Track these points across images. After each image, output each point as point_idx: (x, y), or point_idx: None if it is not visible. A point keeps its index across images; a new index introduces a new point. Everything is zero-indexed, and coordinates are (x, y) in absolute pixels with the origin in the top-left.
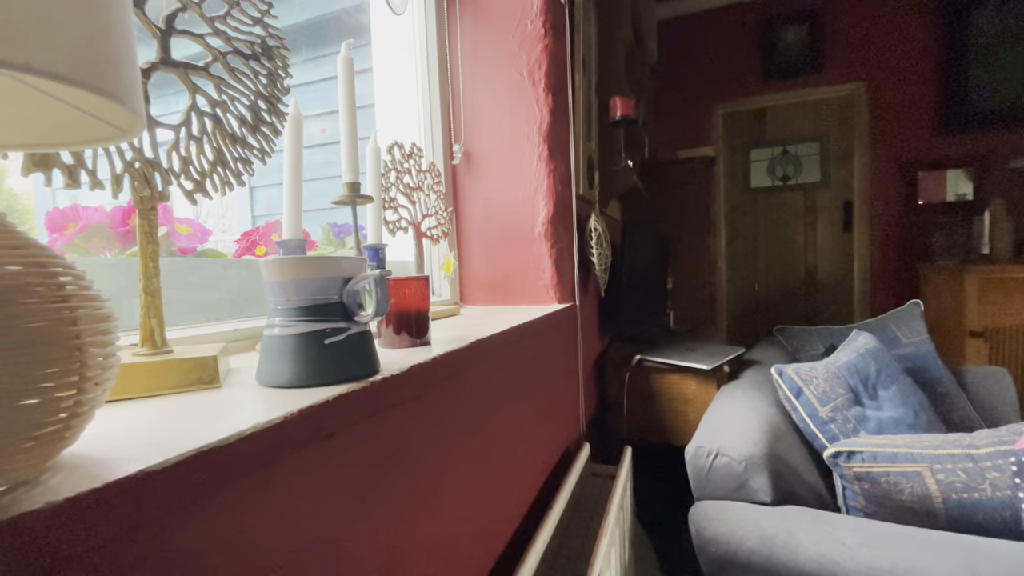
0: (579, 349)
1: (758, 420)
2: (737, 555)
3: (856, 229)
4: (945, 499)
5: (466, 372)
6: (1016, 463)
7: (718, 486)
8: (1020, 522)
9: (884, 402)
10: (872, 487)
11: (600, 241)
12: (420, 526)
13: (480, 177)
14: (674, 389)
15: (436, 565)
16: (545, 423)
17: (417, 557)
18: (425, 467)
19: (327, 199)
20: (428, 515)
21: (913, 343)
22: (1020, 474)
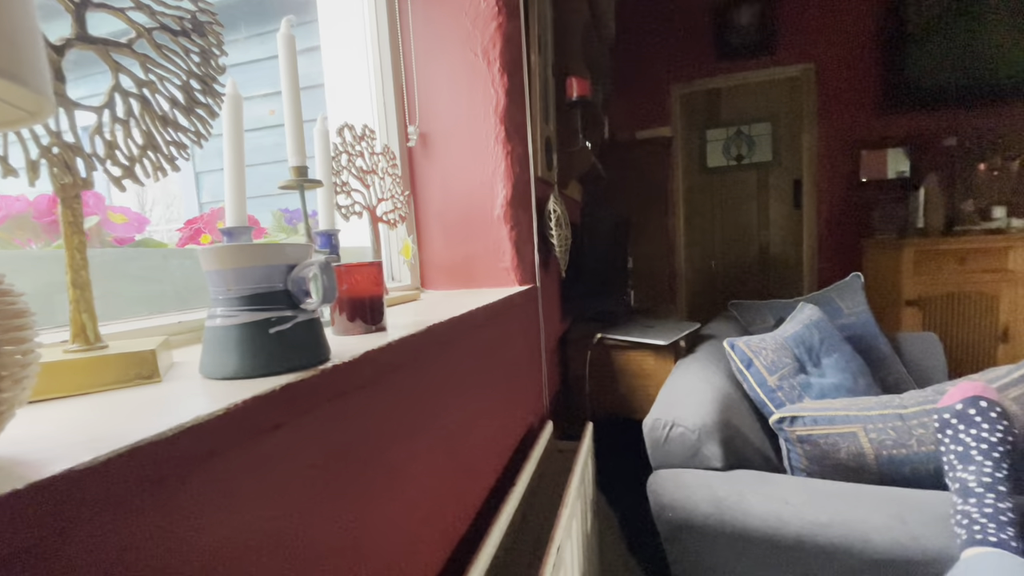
0: (541, 330)
1: (711, 391)
2: (692, 518)
3: (805, 206)
4: (877, 456)
5: (423, 356)
6: (939, 420)
7: (674, 455)
8: (942, 474)
9: (826, 369)
10: (813, 448)
11: (559, 222)
12: (380, 511)
13: (437, 159)
14: (634, 365)
15: (397, 549)
16: (508, 403)
17: (378, 543)
18: (385, 453)
19: (277, 184)
20: (389, 499)
21: (854, 313)
22: (942, 430)
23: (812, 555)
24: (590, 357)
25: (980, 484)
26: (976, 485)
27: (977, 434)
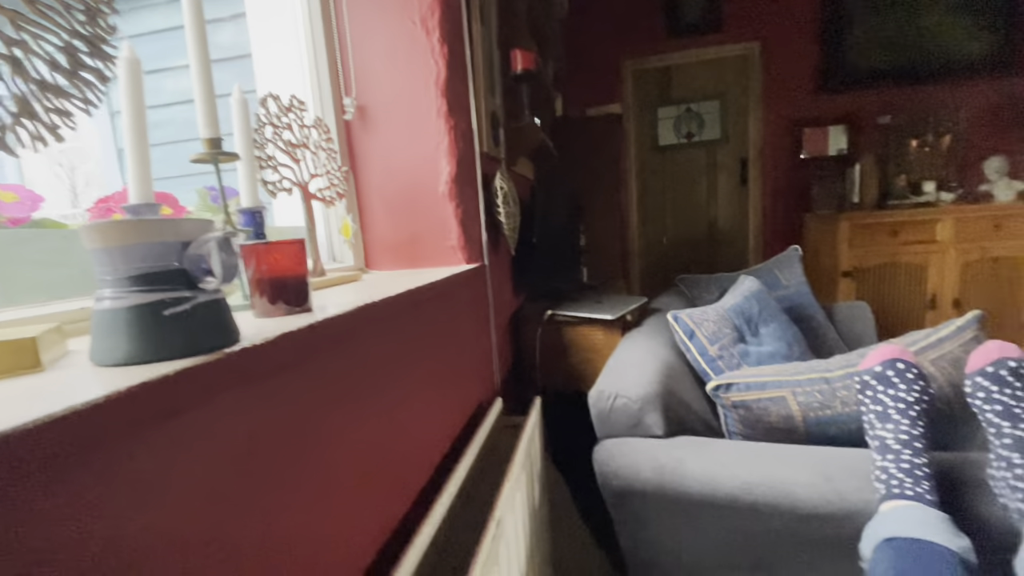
0: (490, 308)
1: (654, 362)
2: (634, 484)
3: (751, 183)
4: (805, 417)
5: (356, 337)
6: (860, 382)
7: (618, 425)
8: (864, 432)
9: (764, 338)
10: (746, 413)
11: (507, 200)
12: (308, 498)
13: (377, 134)
14: (584, 340)
15: (329, 536)
16: (455, 381)
17: (304, 532)
18: (314, 437)
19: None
20: (318, 485)
21: (792, 284)
22: (862, 391)
23: (744, 513)
24: (541, 333)
25: (897, 441)
26: (894, 442)
27: (895, 394)
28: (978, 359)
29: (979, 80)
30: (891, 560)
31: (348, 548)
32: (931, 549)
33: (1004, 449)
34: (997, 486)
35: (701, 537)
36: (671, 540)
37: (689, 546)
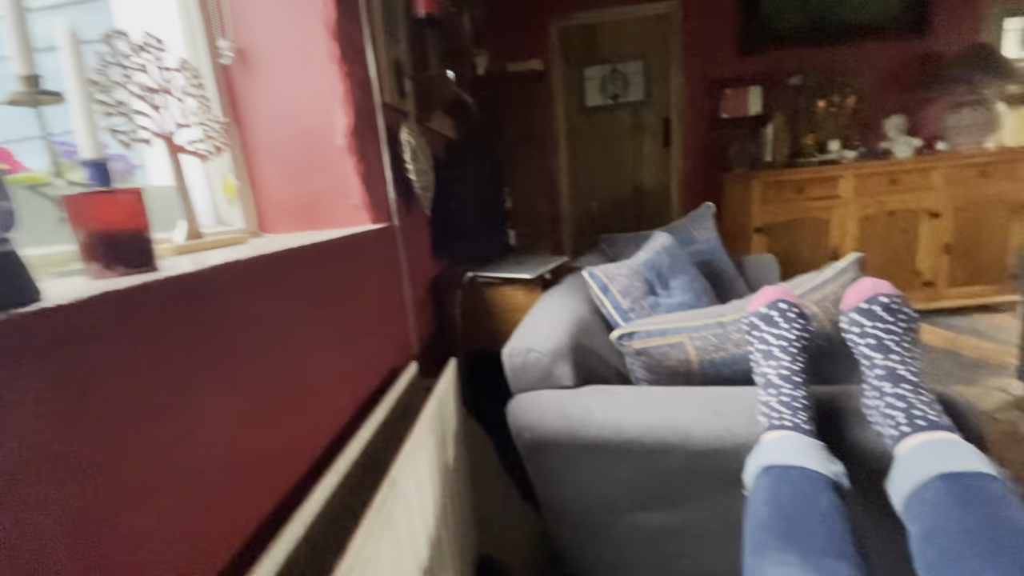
0: (403, 271)
1: (567, 317)
2: (545, 435)
3: (673, 144)
4: (700, 360)
5: (221, 300)
6: (747, 323)
7: (530, 379)
8: (751, 371)
9: (674, 290)
10: (648, 359)
11: (416, 156)
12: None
13: (262, 81)
14: (506, 301)
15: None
16: (361, 347)
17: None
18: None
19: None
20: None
21: (705, 240)
22: (749, 332)
23: (646, 453)
24: (462, 296)
25: (779, 376)
26: (775, 377)
27: (777, 333)
28: (853, 296)
29: (884, 41)
30: (768, 487)
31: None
32: (805, 474)
33: (876, 380)
34: (871, 414)
35: (610, 481)
36: (582, 486)
37: (600, 490)
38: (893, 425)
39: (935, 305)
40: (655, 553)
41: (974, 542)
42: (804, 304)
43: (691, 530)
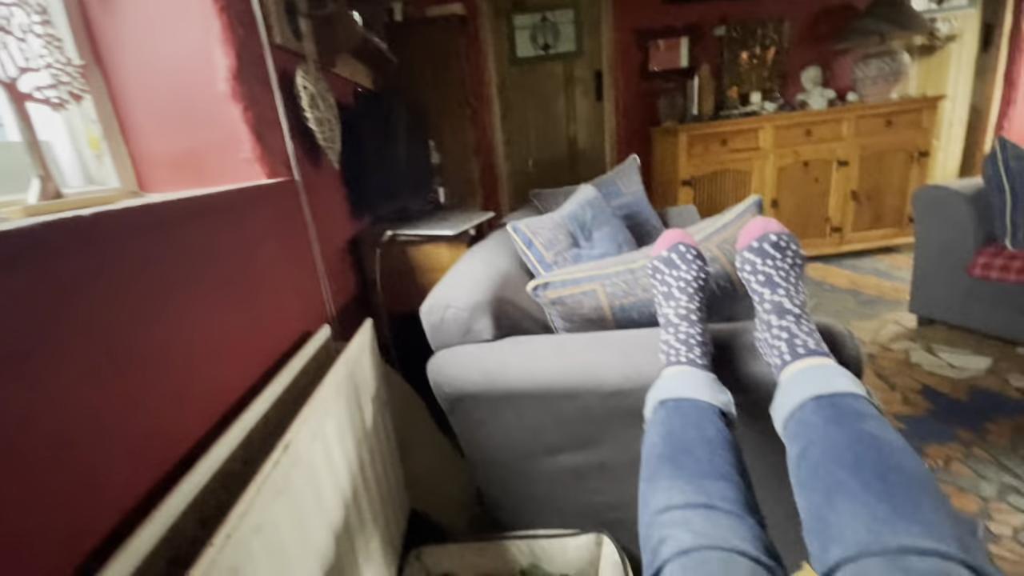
0: (310, 230)
1: (488, 271)
2: (464, 388)
3: (605, 98)
4: (612, 306)
5: (59, 264)
6: (650, 267)
7: (450, 335)
8: (655, 313)
9: (596, 242)
10: (564, 308)
11: (315, 103)
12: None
13: (125, 19)
14: (430, 260)
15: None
16: (262, 309)
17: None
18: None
19: None
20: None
21: (631, 193)
22: (653, 275)
23: (560, 397)
24: (381, 255)
25: (677, 316)
26: (674, 316)
27: (677, 274)
28: (745, 236)
29: None
30: (662, 419)
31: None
32: (695, 405)
33: (765, 314)
34: (762, 347)
35: (529, 427)
36: (504, 435)
37: (519, 437)
38: (778, 354)
39: (842, 249)
40: (575, 490)
41: (840, 456)
42: (706, 247)
43: (606, 466)
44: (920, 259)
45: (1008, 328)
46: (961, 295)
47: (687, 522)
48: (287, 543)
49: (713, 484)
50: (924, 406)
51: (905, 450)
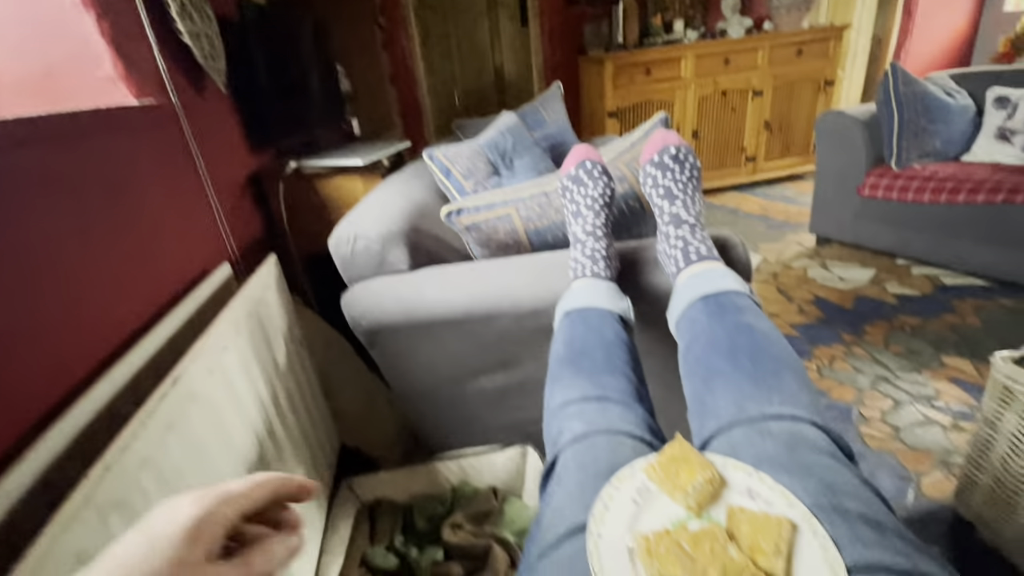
0: (198, 160)
1: (401, 201)
2: (382, 321)
3: (531, 24)
4: (527, 230)
5: None
6: (561, 186)
7: (363, 267)
8: (567, 233)
9: (517, 171)
10: (479, 234)
11: (187, 15)
12: None
13: None
14: (342, 194)
15: None
16: (141, 249)
17: None
18: None
19: None
20: None
21: (555, 122)
22: (563, 194)
23: (478, 322)
24: (290, 190)
25: (584, 232)
26: (581, 234)
27: (584, 192)
28: (648, 150)
29: None
30: (566, 328)
31: None
32: (596, 312)
33: (664, 226)
34: (662, 258)
35: (450, 354)
36: (425, 363)
37: (442, 364)
38: (674, 262)
39: (755, 178)
40: (499, 409)
41: (719, 346)
42: (616, 166)
43: (527, 383)
44: (820, 183)
45: (890, 242)
46: (852, 215)
47: (582, 413)
48: (188, 477)
49: (607, 379)
50: (816, 315)
51: (775, 337)
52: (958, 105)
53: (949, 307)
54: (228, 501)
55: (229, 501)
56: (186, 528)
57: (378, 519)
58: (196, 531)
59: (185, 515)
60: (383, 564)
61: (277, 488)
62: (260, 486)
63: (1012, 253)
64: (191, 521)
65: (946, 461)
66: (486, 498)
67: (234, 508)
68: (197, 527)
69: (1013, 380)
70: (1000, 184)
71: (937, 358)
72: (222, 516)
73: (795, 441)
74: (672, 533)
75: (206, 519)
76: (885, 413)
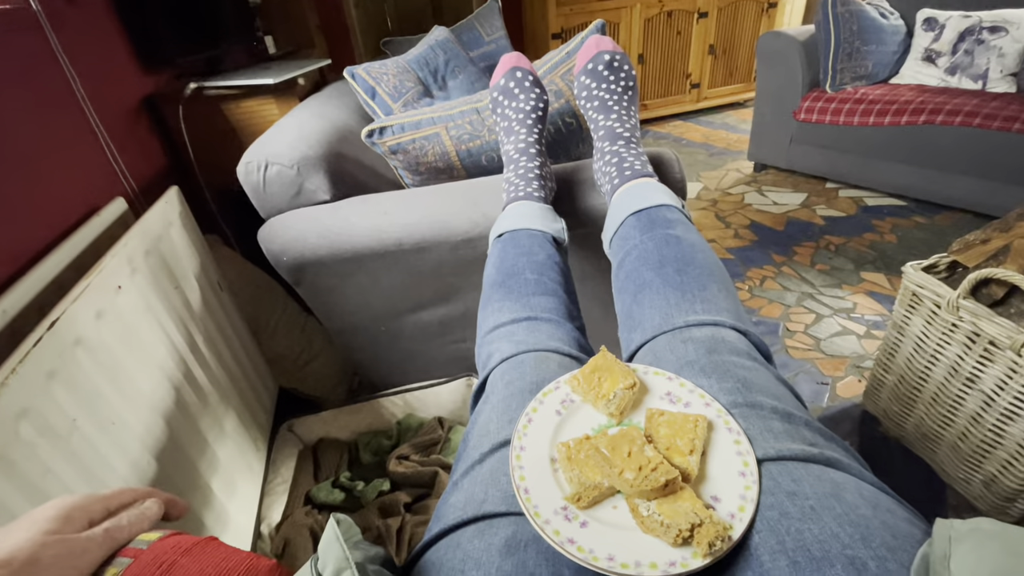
0: (73, 80)
1: (320, 124)
2: (305, 255)
3: None
4: (458, 151)
5: None
6: (491, 100)
7: (278, 198)
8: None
9: (452, 90)
10: (407, 157)
11: None
12: None
13: None
14: (255, 120)
15: None
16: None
17: None
18: None
19: None
20: None
21: (493, 40)
22: (494, 110)
23: (411, 253)
24: (187, 114)
25: (517, 151)
26: (514, 152)
27: (516, 106)
28: (581, 58)
29: None
30: (497, 250)
31: None
32: (528, 234)
33: (599, 141)
34: (598, 177)
35: (384, 287)
36: (359, 299)
37: (377, 299)
38: (608, 180)
39: (699, 106)
40: (441, 342)
41: (648, 258)
42: (551, 79)
43: (469, 314)
44: (759, 109)
45: (821, 166)
46: (789, 140)
47: (511, 334)
48: (83, 426)
49: (538, 300)
50: (750, 238)
51: (703, 247)
52: (891, 26)
53: (870, 226)
54: (94, 499)
55: (98, 499)
56: (47, 512)
57: (322, 458)
58: (58, 517)
59: (51, 506)
60: (328, 499)
61: (138, 495)
62: (124, 492)
63: (928, 172)
64: (65, 506)
65: (858, 366)
66: (432, 428)
67: (102, 503)
68: (68, 512)
69: (920, 286)
70: (923, 105)
71: (856, 274)
72: (85, 509)
73: (715, 344)
74: (592, 439)
75: (78, 505)
76: (808, 326)
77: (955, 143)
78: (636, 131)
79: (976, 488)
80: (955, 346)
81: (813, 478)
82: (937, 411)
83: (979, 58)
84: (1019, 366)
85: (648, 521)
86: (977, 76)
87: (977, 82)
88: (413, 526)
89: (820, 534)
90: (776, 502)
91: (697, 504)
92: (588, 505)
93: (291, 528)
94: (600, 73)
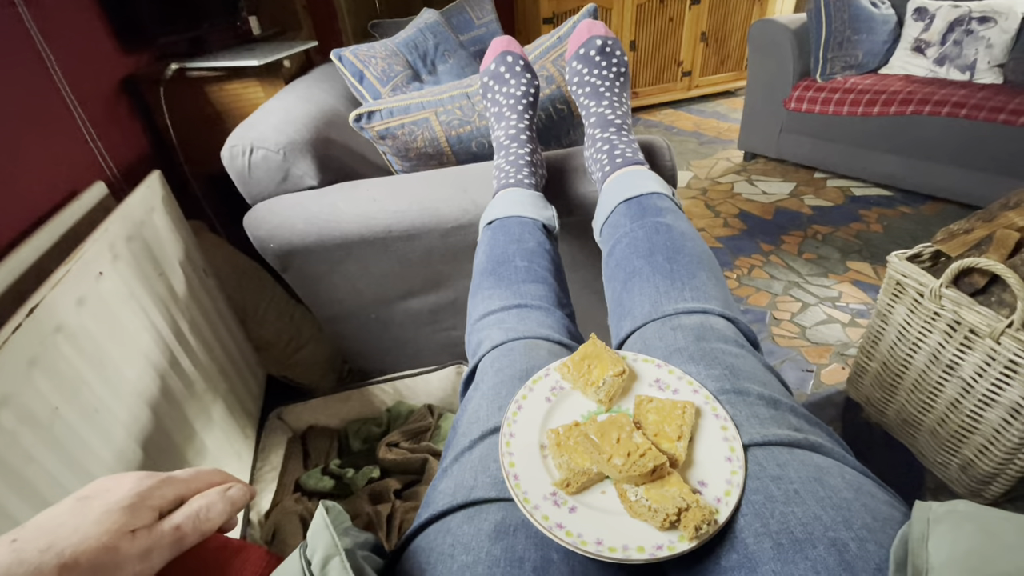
0: (49, 61)
1: (307, 108)
2: (293, 242)
3: None
4: (448, 137)
5: None
6: (482, 86)
7: (264, 183)
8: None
9: (442, 75)
10: (396, 143)
11: None
12: None
13: None
14: (241, 103)
15: None
16: None
17: None
18: None
19: None
20: None
21: (484, 24)
22: (484, 95)
23: (400, 240)
24: (169, 96)
25: (507, 137)
26: (505, 138)
27: (506, 91)
28: (572, 43)
29: None
30: (487, 237)
31: None
32: (518, 221)
33: (591, 128)
34: (589, 164)
35: (374, 275)
36: (348, 286)
37: (367, 286)
38: (599, 167)
39: (691, 94)
40: (432, 330)
41: (638, 246)
42: (542, 65)
43: (459, 302)
44: (749, 98)
45: (810, 156)
46: (779, 129)
47: (501, 322)
48: (65, 413)
49: (528, 287)
50: (739, 227)
51: (692, 236)
52: (882, 15)
53: (857, 216)
54: (170, 483)
55: (171, 483)
56: (122, 501)
57: (312, 445)
58: (132, 506)
59: (126, 489)
60: (317, 486)
61: (215, 480)
62: (200, 475)
63: (913, 163)
64: (130, 496)
65: (842, 353)
66: (422, 415)
67: (173, 490)
68: (133, 504)
69: (904, 275)
70: (911, 96)
71: (843, 263)
72: (159, 496)
73: (703, 331)
74: (581, 425)
75: (145, 494)
76: (794, 315)
77: (942, 134)
78: (628, 118)
79: (953, 472)
80: (936, 334)
81: (798, 463)
82: (918, 398)
83: (967, 48)
84: (997, 354)
85: (636, 506)
86: (965, 67)
87: (965, 73)
88: (403, 512)
89: (803, 517)
90: (761, 486)
91: (684, 489)
92: (577, 491)
93: (281, 515)
94: (592, 58)
